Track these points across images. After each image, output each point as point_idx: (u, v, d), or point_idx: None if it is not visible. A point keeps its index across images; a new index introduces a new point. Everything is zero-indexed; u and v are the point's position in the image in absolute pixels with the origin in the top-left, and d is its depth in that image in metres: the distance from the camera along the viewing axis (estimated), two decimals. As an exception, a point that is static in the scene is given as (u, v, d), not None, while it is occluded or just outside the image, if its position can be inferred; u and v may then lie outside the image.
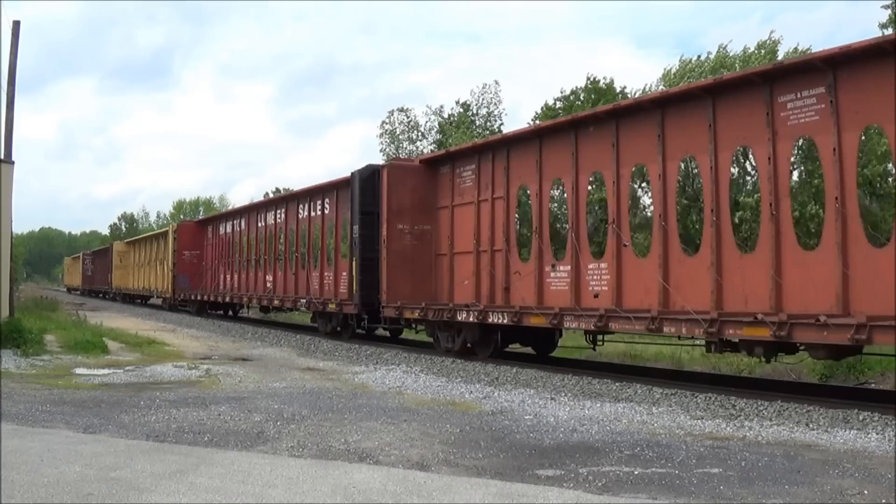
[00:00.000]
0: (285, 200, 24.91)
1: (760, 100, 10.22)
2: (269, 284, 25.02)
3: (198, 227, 34.78)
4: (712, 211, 10.87)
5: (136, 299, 45.42)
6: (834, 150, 9.38)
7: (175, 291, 33.31)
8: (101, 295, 57.02)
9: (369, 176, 17.53)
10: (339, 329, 20.01)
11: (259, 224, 26.53)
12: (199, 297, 31.47)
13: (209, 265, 31.99)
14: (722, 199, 10.94)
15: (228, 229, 30.10)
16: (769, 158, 10.15)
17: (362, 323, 18.27)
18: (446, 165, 16.75)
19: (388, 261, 16.69)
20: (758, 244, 10.62)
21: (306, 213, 22.78)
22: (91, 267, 61.57)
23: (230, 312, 32.33)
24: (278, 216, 24.87)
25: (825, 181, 9.98)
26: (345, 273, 19.36)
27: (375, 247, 17.07)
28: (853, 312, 8.78)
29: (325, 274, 21.02)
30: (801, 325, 9.03)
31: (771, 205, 10.16)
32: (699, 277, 10.95)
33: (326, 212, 21.44)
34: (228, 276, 29.33)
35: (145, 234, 47.51)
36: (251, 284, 26.58)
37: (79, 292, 66.59)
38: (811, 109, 9.70)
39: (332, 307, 19.52)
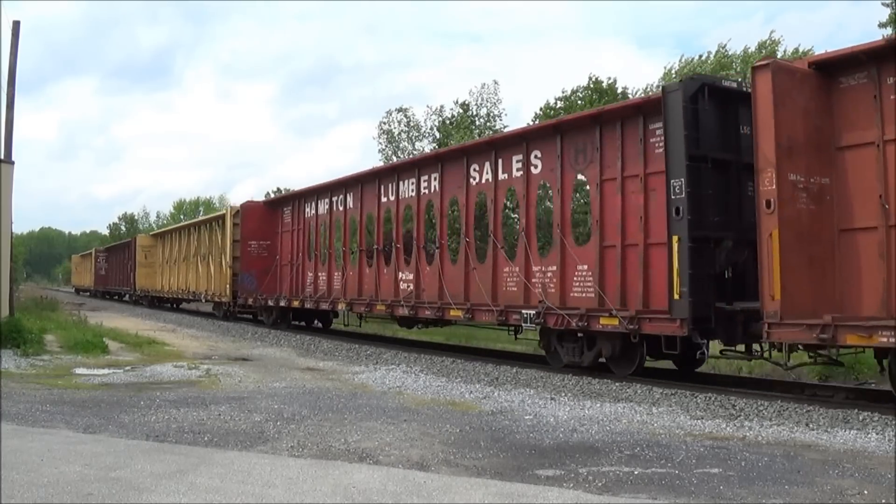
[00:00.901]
0: (440, 160, 16.84)
1: None
2: (405, 285, 17.28)
3: (268, 209, 25.74)
4: None
5: (165, 303, 38.43)
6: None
7: (237, 294, 25.46)
8: (116, 297, 50.33)
9: (696, 94, 10.95)
10: (604, 360, 12.42)
11: (384, 198, 18.69)
12: (277, 303, 23.08)
13: (287, 259, 23.85)
14: None
15: (321, 209, 22.08)
16: None
17: (700, 353, 11.97)
18: (864, 71, 9.59)
19: (781, 239, 9.57)
20: None
21: (490, 175, 15.01)
22: (105, 265, 54.02)
23: (317, 322, 24.57)
24: (425, 185, 17.11)
25: None
26: (584, 266, 12.66)
27: (710, 217, 10.96)
28: None
29: (536, 269, 13.61)
30: None
31: None
32: None
33: (535, 171, 13.89)
34: (323, 274, 21.50)
35: (183, 223, 38.68)
36: (369, 285, 18.87)
37: (88, 294, 60.28)
38: None
39: (607, 323, 11.72)
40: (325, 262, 21.54)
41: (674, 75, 30.03)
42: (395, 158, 36.78)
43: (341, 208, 20.95)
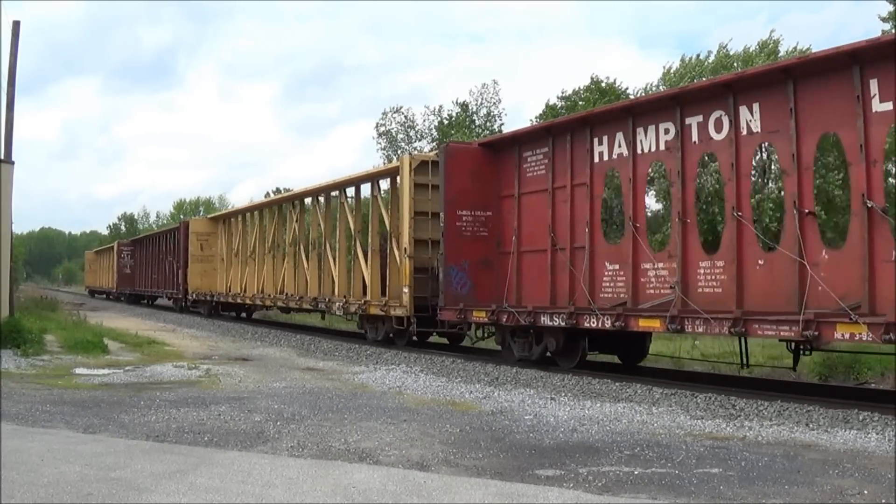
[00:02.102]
0: None
1: None
2: None
3: (489, 155, 15.06)
4: None
5: (230, 310, 29.49)
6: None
7: (428, 303, 15.73)
8: (146, 302, 41.82)
9: None
10: None
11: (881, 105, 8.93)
12: (576, 321, 12.23)
13: (538, 242, 13.86)
14: None
15: (646, 143, 11.98)
16: None
17: None
18: None
19: None
20: None
21: None
22: (130, 262, 44.80)
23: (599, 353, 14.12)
24: None
25: None
26: None
27: None
28: None
29: None
30: None
31: None
32: None
33: None
34: (662, 266, 11.74)
35: (274, 198, 27.62)
36: (847, 281, 9.29)
37: (105, 296, 52.60)
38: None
39: None
40: (674, 245, 11.49)
41: (673, 74, 30.03)
42: (395, 159, 36.62)
43: (720, 135, 10.96)
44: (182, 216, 79.00)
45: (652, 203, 12.86)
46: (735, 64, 27.92)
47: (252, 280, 25.98)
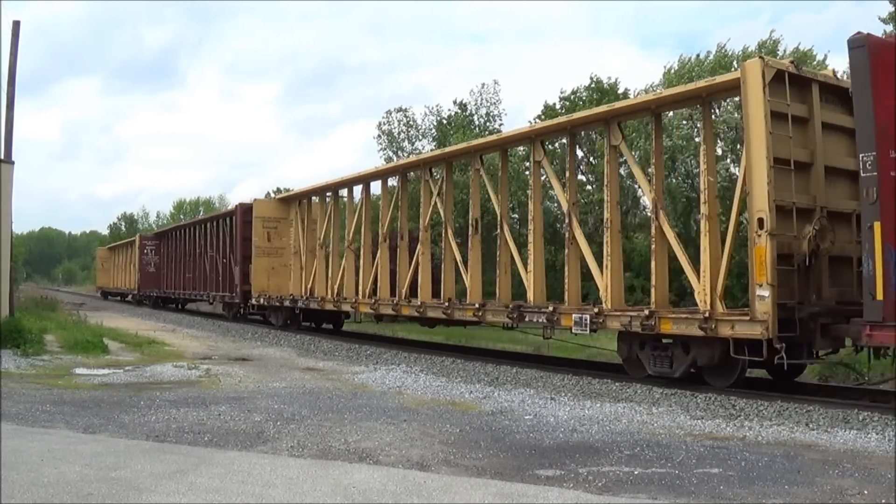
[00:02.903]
0: None
1: None
2: None
3: None
4: None
5: (311, 318, 22.51)
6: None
7: (878, 317, 8.24)
8: (175, 306, 36.59)
9: None
10: None
11: None
12: None
13: None
14: None
15: None
16: None
17: None
18: None
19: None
20: None
21: None
22: (155, 258, 38.96)
23: None
24: None
25: None
26: None
27: None
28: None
29: None
30: None
31: None
32: None
33: None
34: None
35: (403, 162, 19.95)
36: None
37: (121, 298, 46.62)
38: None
39: None
40: None
41: (672, 74, 29.99)
42: (395, 159, 36.68)
43: None
44: (182, 216, 78.71)
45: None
46: (734, 63, 27.91)
47: (350, 280, 19.48)
